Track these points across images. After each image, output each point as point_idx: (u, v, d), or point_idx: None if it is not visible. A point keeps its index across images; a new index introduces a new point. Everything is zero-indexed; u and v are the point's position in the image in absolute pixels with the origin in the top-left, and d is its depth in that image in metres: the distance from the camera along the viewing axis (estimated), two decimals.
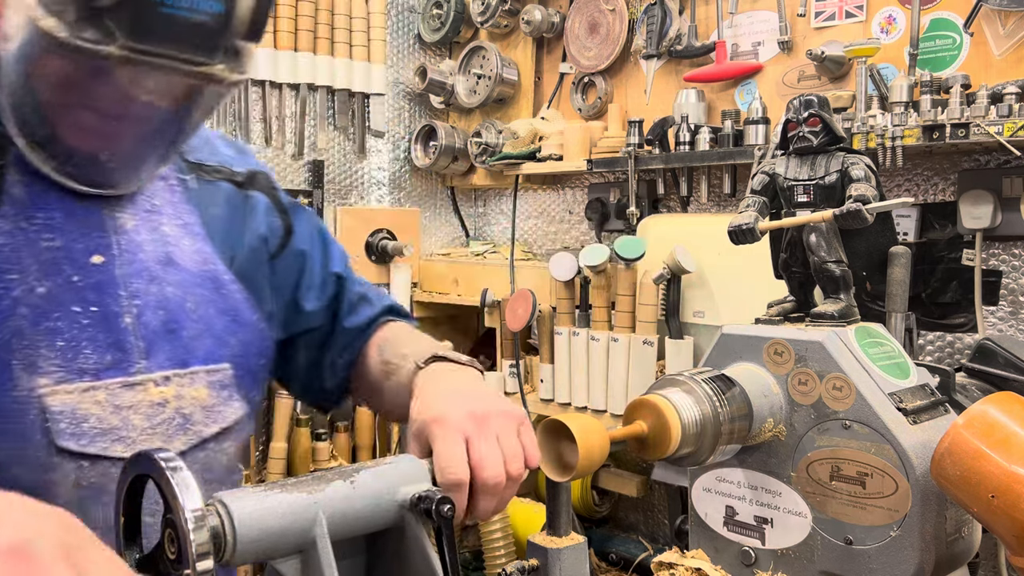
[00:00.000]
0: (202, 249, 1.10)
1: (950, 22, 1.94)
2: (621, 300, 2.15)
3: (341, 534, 0.84)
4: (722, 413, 1.20)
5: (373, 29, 2.80)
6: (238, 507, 0.78)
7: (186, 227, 1.09)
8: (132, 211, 1.04)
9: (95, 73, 0.86)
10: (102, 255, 0.99)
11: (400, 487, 0.88)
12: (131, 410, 0.98)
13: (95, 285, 0.98)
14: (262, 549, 0.79)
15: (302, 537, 0.81)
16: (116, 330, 0.98)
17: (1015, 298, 1.91)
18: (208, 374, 1.06)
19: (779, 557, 1.27)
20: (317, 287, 1.27)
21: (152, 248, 1.04)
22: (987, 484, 1.02)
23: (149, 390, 1.00)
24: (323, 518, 0.82)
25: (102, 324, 0.97)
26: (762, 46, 2.27)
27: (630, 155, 2.31)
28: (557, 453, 1.11)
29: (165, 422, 1.01)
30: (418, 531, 0.87)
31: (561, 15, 2.68)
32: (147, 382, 1.00)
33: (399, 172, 2.99)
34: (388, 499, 0.87)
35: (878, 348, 1.26)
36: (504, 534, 2.29)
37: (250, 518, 0.78)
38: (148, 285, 1.02)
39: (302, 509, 0.82)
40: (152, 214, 1.06)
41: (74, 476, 0.95)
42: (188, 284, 1.06)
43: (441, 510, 0.85)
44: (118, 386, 0.98)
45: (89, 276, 0.98)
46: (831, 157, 1.33)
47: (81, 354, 0.95)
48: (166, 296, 1.03)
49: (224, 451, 1.08)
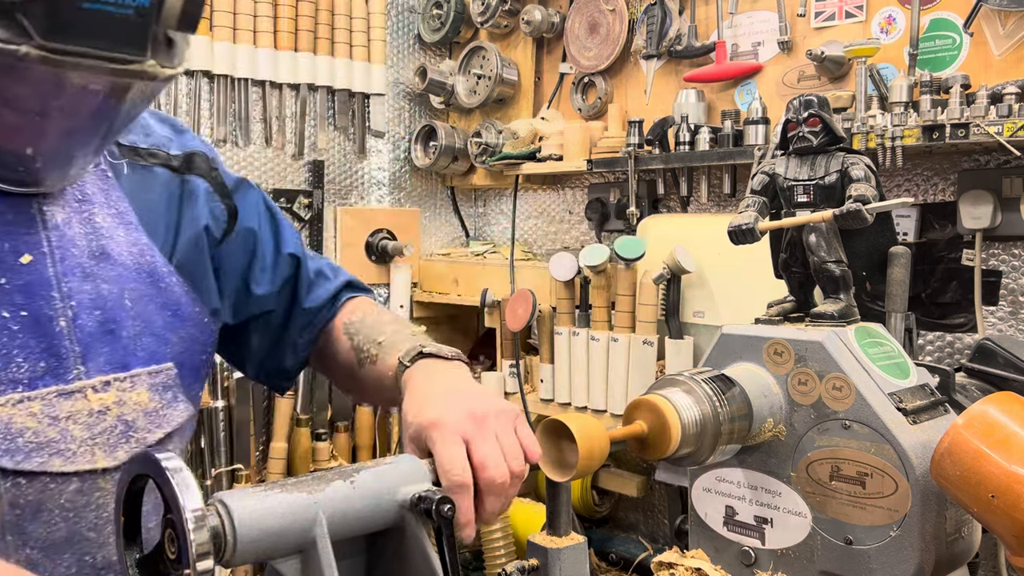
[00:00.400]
0: (138, 240, 1.02)
1: (950, 22, 1.94)
2: (621, 300, 2.15)
3: (341, 534, 0.84)
4: (722, 413, 1.20)
5: (373, 29, 2.80)
6: (238, 507, 0.78)
7: (120, 216, 1.01)
8: (62, 203, 0.96)
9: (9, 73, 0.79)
10: (31, 254, 0.92)
11: (400, 487, 0.88)
12: (69, 420, 0.92)
13: (24, 287, 0.91)
14: (262, 549, 0.79)
15: (302, 537, 0.81)
16: (50, 334, 0.91)
17: (1015, 298, 1.91)
18: (150, 376, 1.00)
19: (779, 557, 1.27)
20: (269, 270, 1.20)
21: (85, 242, 0.96)
22: (987, 484, 1.02)
23: (88, 397, 0.94)
24: (323, 518, 0.82)
25: (34, 329, 0.90)
26: (762, 46, 2.27)
27: (630, 155, 2.31)
28: (557, 453, 1.11)
29: (106, 431, 0.95)
30: (418, 531, 0.87)
31: (561, 15, 2.68)
32: (85, 388, 0.94)
33: (399, 172, 2.99)
34: (388, 499, 0.87)
35: (878, 348, 1.26)
36: (504, 534, 2.29)
37: (250, 518, 0.78)
38: (82, 283, 0.95)
39: (302, 509, 0.82)
40: (83, 204, 0.98)
41: (11, 495, 0.89)
42: (125, 279, 0.99)
43: (441, 510, 0.85)
44: (54, 395, 0.91)
45: (18, 277, 0.90)
46: (831, 157, 1.33)
47: (12, 363, 0.88)
48: (102, 294, 0.96)
49: None
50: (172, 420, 1.03)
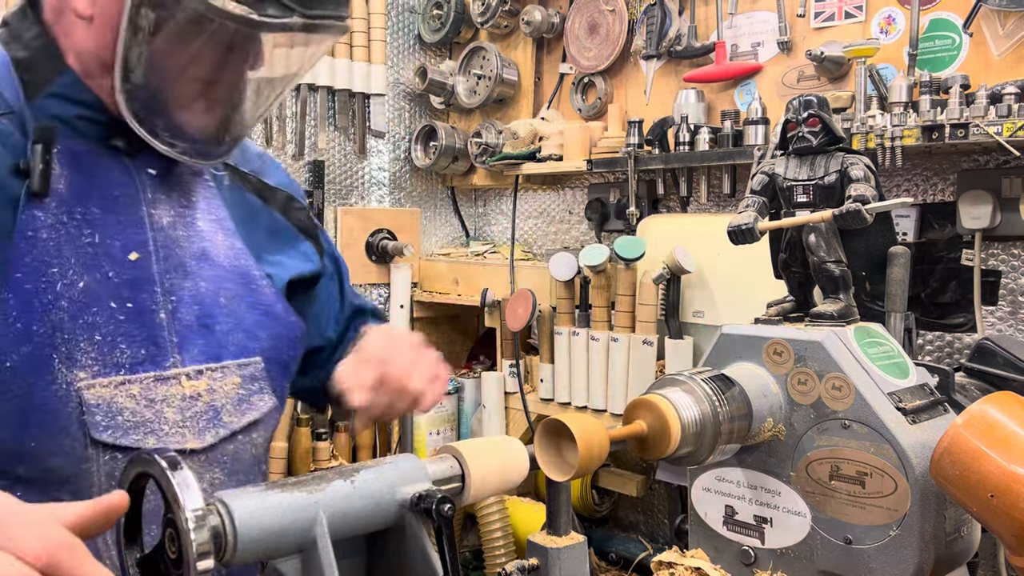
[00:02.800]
0: (234, 244, 1.12)
1: (949, 22, 1.94)
2: (621, 300, 2.15)
3: (341, 533, 0.84)
4: (722, 413, 1.20)
5: (373, 30, 2.81)
6: (239, 506, 0.78)
7: (219, 222, 1.12)
8: (168, 206, 1.06)
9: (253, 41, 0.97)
10: (138, 252, 1.01)
11: (400, 487, 0.88)
12: (164, 403, 1.00)
13: (131, 282, 1.00)
14: (263, 549, 0.80)
15: (302, 536, 0.82)
16: (151, 325, 1.00)
17: (1014, 298, 1.91)
18: (239, 368, 1.08)
19: (779, 557, 1.27)
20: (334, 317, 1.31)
21: (187, 243, 1.06)
22: (986, 484, 1.02)
23: (182, 383, 1.02)
24: (323, 517, 0.82)
25: (137, 320, 0.99)
26: (762, 46, 2.27)
27: (630, 155, 2.31)
28: (557, 453, 1.11)
29: (196, 415, 1.03)
30: (418, 531, 0.88)
31: (561, 15, 2.68)
32: (180, 376, 1.02)
33: (399, 172, 2.99)
34: (388, 498, 0.88)
35: (877, 348, 1.27)
36: (504, 534, 2.29)
37: (251, 517, 0.78)
38: (183, 280, 1.04)
39: (302, 508, 0.82)
40: (187, 209, 1.08)
41: (108, 467, 0.97)
42: (221, 279, 1.08)
43: (441, 509, 0.85)
44: (151, 380, 1.00)
45: (125, 272, 1.00)
46: (830, 157, 1.33)
47: (117, 348, 0.97)
48: (200, 291, 1.05)
49: (253, 443, 1.10)
50: (257, 409, 1.10)
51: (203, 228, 1.09)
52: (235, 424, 1.07)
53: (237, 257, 1.12)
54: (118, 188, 1.02)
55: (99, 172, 1.01)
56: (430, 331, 2.90)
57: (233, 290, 1.09)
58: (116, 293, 0.98)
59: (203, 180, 1.12)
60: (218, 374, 1.05)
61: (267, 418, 1.12)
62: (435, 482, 0.92)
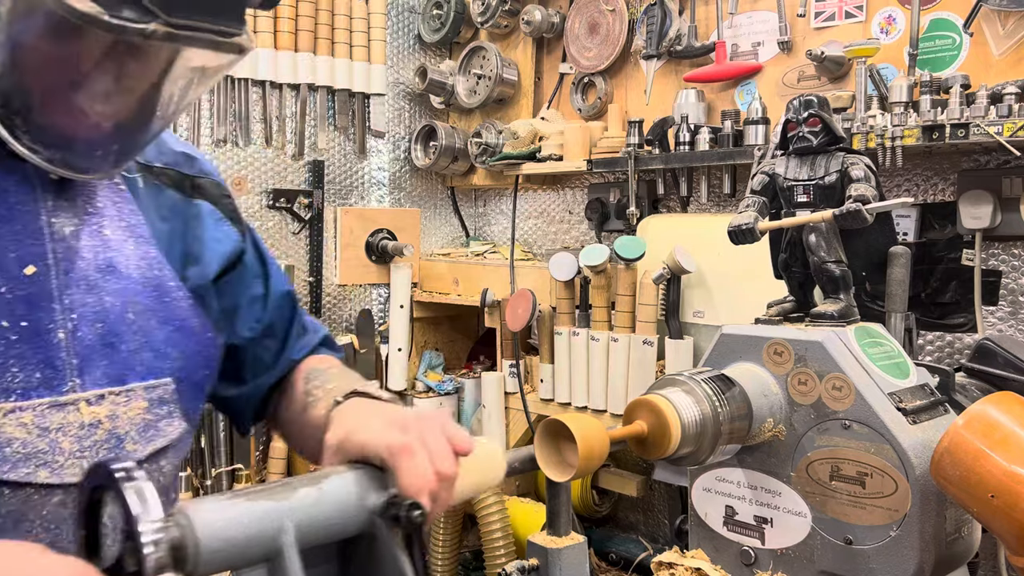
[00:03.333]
0: (147, 253, 1.03)
1: (950, 22, 1.94)
2: (621, 300, 2.15)
3: (310, 541, 0.83)
4: (722, 413, 1.20)
5: (373, 29, 2.81)
6: (200, 518, 0.76)
7: (130, 229, 1.02)
8: (71, 214, 0.97)
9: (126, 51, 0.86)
10: (35, 265, 0.93)
11: (370, 493, 0.87)
12: (60, 432, 0.92)
13: (26, 298, 0.91)
14: (227, 559, 0.78)
15: (268, 546, 0.80)
16: (47, 346, 0.92)
17: (1015, 298, 1.91)
18: (147, 390, 0.99)
19: (779, 557, 1.27)
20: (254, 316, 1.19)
21: (92, 255, 0.97)
22: (987, 484, 1.02)
23: (81, 410, 0.94)
24: (290, 526, 0.81)
25: (32, 340, 0.91)
26: (762, 46, 2.27)
27: (630, 155, 2.31)
28: (557, 453, 1.11)
29: (96, 444, 0.95)
30: (388, 537, 0.86)
31: (561, 15, 2.68)
32: (79, 401, 0.94)
33: (399, 172, 2.99)
34: (357, 505, 0.86)
35: (878, 348, 1.26)
36: (504, 534, 2.29)
37: (213, 528, 0.76)
38: (85, 296, 0.96)
39: (268, 517, 0.80)
40: (94, 216, 0.99)
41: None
42: (129, 292, 1.00)
43: (411, 515, 0.83)
44: (46, 407, 0.91)
45: (20, 288, 0.91)
46: (831, 157, 1.33)
47: (8, 372, 0.89)
48: (105, 307, 0.97)
49: (160, 470, 1.02)
50: (165, 436, 1.02)
51: (110, 237, 1.00)
52: (139, 452, 0.98)
53: (150, 267, 1.02)
54: (15, 195, 0.93)
55: None
56: (430, 331, 2.90)
57: (143, 304, 1.00)
58: (9, 311, 0.90)
59: (112, 185, 1.03)
60: (122, 398, 0.97)
61: (177, 444, 1.04)
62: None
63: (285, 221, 2.70)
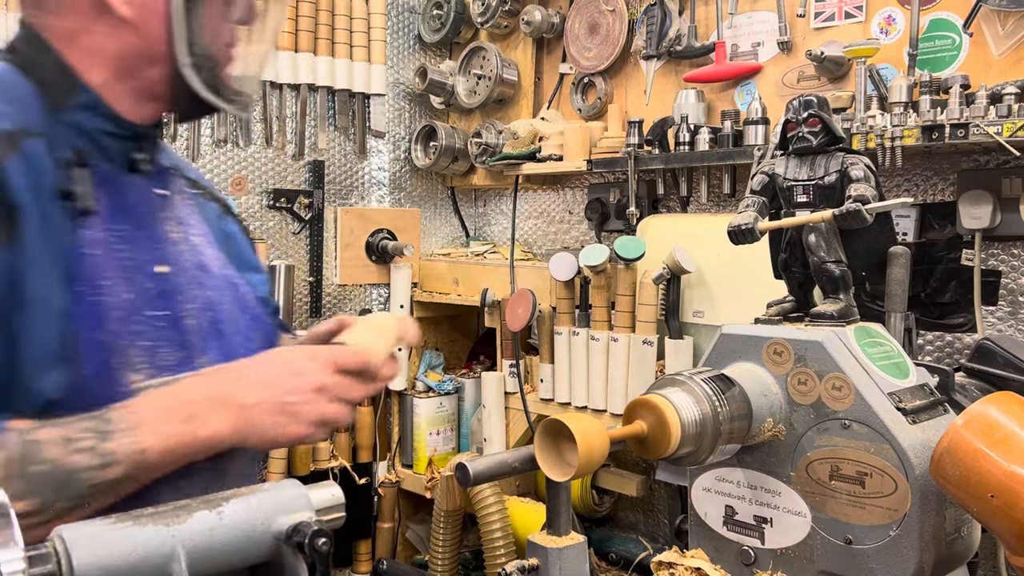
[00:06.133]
0: (219, 256, 1.23)
1: (949, 22, 1.94)
2: (621, 300, 2.15)
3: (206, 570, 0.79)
4: (722, 413, 1.20)
5: (373, 30, 2.80)
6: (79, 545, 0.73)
7: (205, 236, 1.23)
8: (175, 223, 1.17)
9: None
10: (163, 265, 1.11)
11: (277, 517, 0.83)
12: None
13: (161, 292, 1.10)
14: None
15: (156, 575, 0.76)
16: (182, 330, 1.10)
17: (1014, 298, 1.91)
18: None
19: (779, 557, 1.27)
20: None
21: (191, 256, 1.17)
22: (986, 484, 1.03)
23: None
24: (182, 553, 0.77)
25: (172, 326, 1.09)
26: (762, 46, 2.27)
27: (630, 155, 2.31)
28: (557, 453, 1.11)
29: None
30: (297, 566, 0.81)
31: (561, 15, 2.68)
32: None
33: (399, 172, 2.99)
34: (262, 530, 0.82)
35: (877, 348, 1.27)
36: (504, 534, 2.29)
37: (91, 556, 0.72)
38: (195, 290, 1.14)
39: (156, 544, 0.76)
40: (182, 226, 1.19)
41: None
42: (219, 287, 1.19)
43: (315, 543, 0.80)
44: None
45: (158, 284, 1.10)
46: (830, 157, 1.33)
47: (160, 352, 1.07)
48: (208, 299, 1.16)
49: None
50: None
51: (196, 242, 1.19)
52: None
53: (223, 266, 1.23)
54: (141, 207, 1.12)
55: (124, 192, 1.10)
56: (430, 331, 2.90)
57: (229, 296, 1.20)
58: (152, 303, 1.08)
59: (185, 199, 1.22)
60: None
61: None
62: (318, 511, 0.86)
63: (285, 221, 2.70)
